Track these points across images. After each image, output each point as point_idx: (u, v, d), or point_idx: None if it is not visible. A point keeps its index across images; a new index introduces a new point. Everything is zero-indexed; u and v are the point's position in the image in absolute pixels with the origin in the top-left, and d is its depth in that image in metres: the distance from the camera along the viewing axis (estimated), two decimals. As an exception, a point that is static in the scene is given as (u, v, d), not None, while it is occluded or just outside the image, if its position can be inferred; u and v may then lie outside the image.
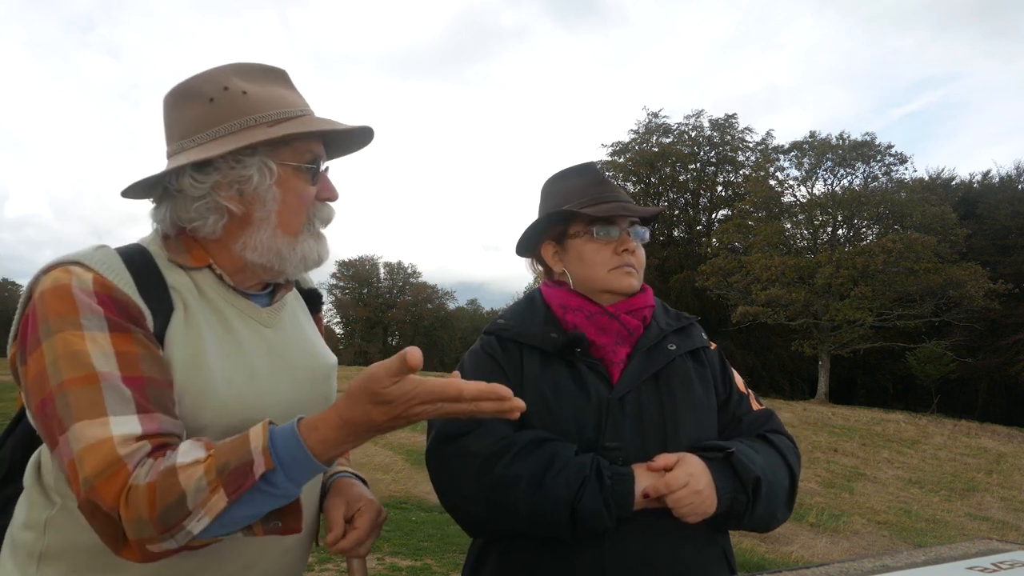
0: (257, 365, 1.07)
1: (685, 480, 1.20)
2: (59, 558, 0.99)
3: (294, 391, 1.11)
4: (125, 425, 0.87)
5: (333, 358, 1.26)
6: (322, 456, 0.86)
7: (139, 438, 0.87)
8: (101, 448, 0.85)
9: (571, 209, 1.41)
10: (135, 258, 1.01)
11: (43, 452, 1.04)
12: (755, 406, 1.44)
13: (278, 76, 1.14)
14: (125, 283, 0.96)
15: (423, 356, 0.81)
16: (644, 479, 1.23)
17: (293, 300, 1.22)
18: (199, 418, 0.98)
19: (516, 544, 1.30)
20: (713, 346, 1.50)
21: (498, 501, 1.23)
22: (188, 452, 0.86)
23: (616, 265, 1.40)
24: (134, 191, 1.06)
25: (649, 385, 1.34)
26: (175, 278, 1.04)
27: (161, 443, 0.89)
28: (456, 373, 0.89)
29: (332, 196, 1.14)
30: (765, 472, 1.27)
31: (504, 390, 0.85)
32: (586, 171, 1.49)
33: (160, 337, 0.97)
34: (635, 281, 1.41)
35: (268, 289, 1.16)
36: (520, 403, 0.86)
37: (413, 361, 0.80)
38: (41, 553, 0.99)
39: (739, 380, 1.48)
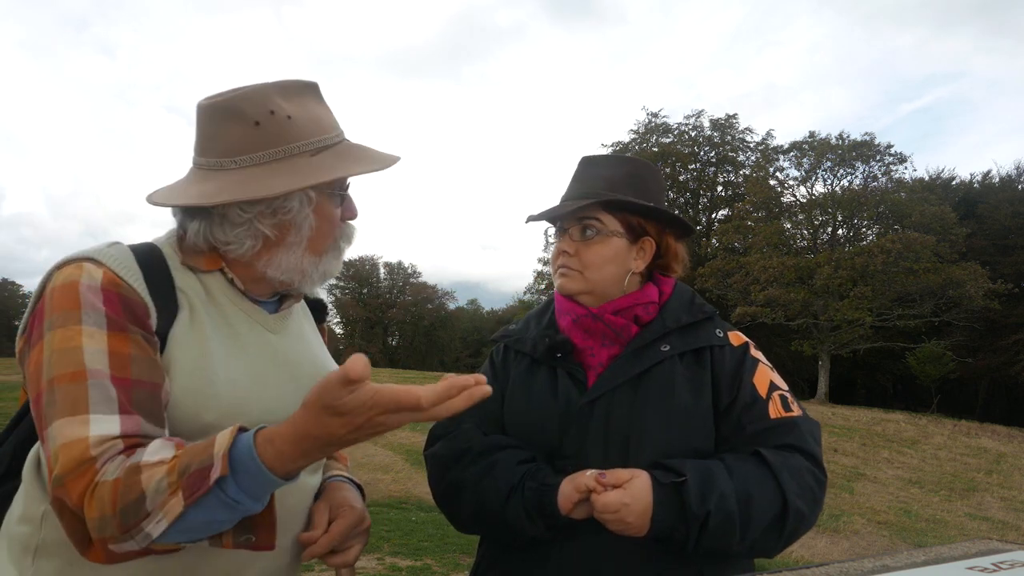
0: (261, 369, 1.07)
1: (616, 507, 1.09)
2: (55, 552, 0.98)
3: (298, 397, 1.10)
4: (104, 424, 0.86)
5: (336, 368, 1.25)
6: (279, 470, 0.82)
7: (115, 438, 0.86)
8: (76, 446, 0.84)
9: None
10: (147, 257, 1.02)
11: (42, 446, 1.04)
12: (776, 413, 1.25)
13: (313, 91, 1.14)
14: (135, 280, 0.97)
15: (421, 356, 0.79)
16: (569, 491, 1.15)
17: (299, 309, 1.24)
18: (202, 418, 0.97)
19: (496, 544, 1.34)
20: (739, 342, 1.32)
21: (450, 504, 1.30)
22: (156, 451, 0.84)
23: (556, 267, 1.34)
24: (166, 201, 1.07)
25: (627, 389, 1.25)
26: (184, 280, 1.04)
27: (135, 443, 0.87)
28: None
29: (353, 215, 1.16)
30: (724, 502, 1.11)
31: (463, 380, 0.80)
32: (577, 167, 1.41)
33: (164, 336, 0.98)
34: (569, 282, 1.31)
35: (276, 297, 1.17)
36: (485, 387, 0.80)
37: (354, 373, 0.75)
38: (37, 547, 0.99)
39: (762, 382, 1.28)
